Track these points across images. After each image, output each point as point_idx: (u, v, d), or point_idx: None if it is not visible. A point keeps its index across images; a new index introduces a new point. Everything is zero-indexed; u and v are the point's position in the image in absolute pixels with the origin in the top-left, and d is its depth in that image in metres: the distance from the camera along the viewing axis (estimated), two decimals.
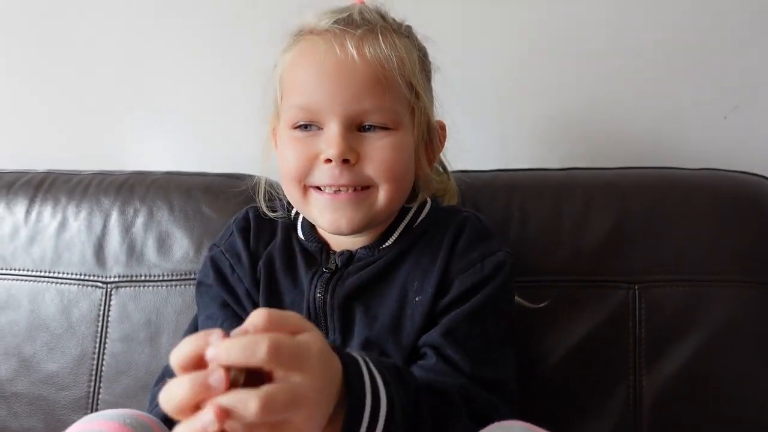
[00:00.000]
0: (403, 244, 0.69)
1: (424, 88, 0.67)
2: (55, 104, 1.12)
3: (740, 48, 0.95)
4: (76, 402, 0.86)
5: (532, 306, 0.73)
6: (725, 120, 0.96)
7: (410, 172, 0.67)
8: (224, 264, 0.72)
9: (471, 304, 0.64)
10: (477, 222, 0.69)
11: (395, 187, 0.65)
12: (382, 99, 0.63)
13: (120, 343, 0.87)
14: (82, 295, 0.89)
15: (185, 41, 1.07)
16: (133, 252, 0.90)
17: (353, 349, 0.65)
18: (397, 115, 0.64)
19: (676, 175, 0.85)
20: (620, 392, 0.76)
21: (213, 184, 0.92)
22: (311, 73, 0.63)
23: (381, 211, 0.66)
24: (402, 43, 0.65)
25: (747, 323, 0.75)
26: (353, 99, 0.62)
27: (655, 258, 0.78)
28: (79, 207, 0.93)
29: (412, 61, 0.65)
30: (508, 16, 0.99)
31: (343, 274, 0.68)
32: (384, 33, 0.64)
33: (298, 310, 0.68)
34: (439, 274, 0.65)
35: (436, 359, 0.63)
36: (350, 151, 0.62)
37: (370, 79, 0.62)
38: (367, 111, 0.63)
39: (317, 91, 0.63)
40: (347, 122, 0.63)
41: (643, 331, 0.76)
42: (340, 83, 0.62)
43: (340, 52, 0.62)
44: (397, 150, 0.64)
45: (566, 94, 0.99)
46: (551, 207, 0.82)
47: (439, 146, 0.72)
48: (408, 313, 0.65)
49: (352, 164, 0.63)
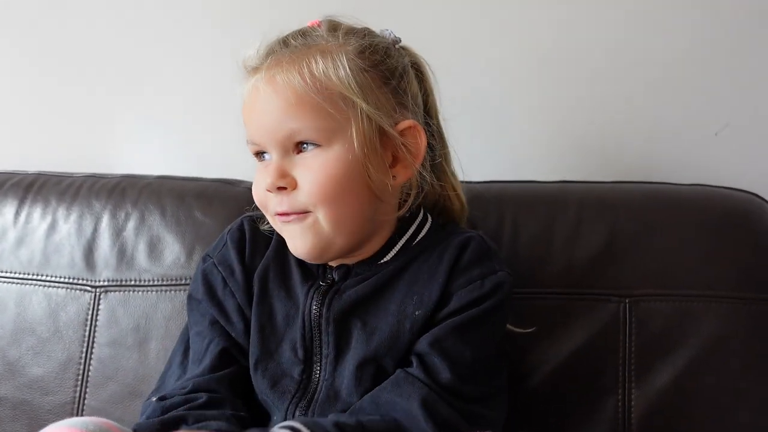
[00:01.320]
0: (402, 261, 0.68)
1: (366, 95, 0.64)
2: (45, 106, 1.12)
3: (732, 67, 0.96)
4: (62, 407, 0.85)
5: (519, 331, 0.73)
6: (716, 137, 0.97)
7: (355, 190, 0.64)
8: (216, 278, 0.72)
9: (463, 316, 0.64)
10: (481, 242, 0.69)
11: (332, 208, 0.64)
12: (303, 117, 0.63)
13: (108, 348, 0.86)
14: (70, 299, 0.88)
15: (178, 44, 1.07)
16: (124, 256, 0.89)
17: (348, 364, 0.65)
18: (325, 131, 0.63)
19: (668, 191, 0.85)
20: (609, 405, 0.76)
21: (206, 189, 0.92)
22: (245, 111, 0.67)
23: (330, 234, 0.65)
24: (325, 59, 0.64)
25: (736, 338, 0.76)
26: (275, 126, 0.64)
27: (645, 272, 0.79)
28: (69, 209, 0.92)
29: (340, 74, 0.64)
30: (506, 31, 1.00)
31: (340, 287, 0.67)
32: (298, 56, 0.65)
33: (292, 323, 0.67)
34: (440, 289, 0.65)
35: (416, 366, 0.63)
36: (283, 177, 0.64)
37: (285, 103, 0.63)
38: (293, 131, 0.64)
39: (251, 128, 0.67)
40: (282, 148, 0.65)
41: (633, 344, 0.77)
42: (263, 115, 0.65)
43: (254, 90, 0.66)
44: (328, 168, 0.63)
45: (561, 109, 1.00)
46: (543, 219, 0.82)
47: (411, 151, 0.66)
48: (407, 327, 0.65)
49: (290, 191, 0.64)
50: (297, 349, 0.66)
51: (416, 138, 0.67)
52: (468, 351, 0.63)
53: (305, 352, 0.66)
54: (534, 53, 1.00)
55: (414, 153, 0.67)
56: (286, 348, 0.67)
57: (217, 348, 0.68)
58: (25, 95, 1.12)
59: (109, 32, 1.09)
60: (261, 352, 0.67)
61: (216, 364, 0.68)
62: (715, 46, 0.96)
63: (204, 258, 0.74)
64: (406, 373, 0.63)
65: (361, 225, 0.66)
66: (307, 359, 0.66)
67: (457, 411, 0.61)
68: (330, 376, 0.65)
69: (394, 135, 0.66)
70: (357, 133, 0.64)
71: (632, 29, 0.98)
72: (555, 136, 1.00)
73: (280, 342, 0.67)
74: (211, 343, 0.69)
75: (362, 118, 0.64)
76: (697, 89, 0.97)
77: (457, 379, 0.62)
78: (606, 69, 0.98)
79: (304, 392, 0.66)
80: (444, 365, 0.62)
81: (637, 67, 0.98)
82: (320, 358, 0.66)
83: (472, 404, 0.63)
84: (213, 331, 0.69)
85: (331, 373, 0.65)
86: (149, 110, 1.09)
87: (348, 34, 0.67)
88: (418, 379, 0.62)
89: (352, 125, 0.64)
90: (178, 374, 0.70)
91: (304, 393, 0.66)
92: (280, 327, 0.68)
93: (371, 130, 0.64)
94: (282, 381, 0.66)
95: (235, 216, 0.82)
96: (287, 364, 0.67)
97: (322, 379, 0.66)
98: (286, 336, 0.67)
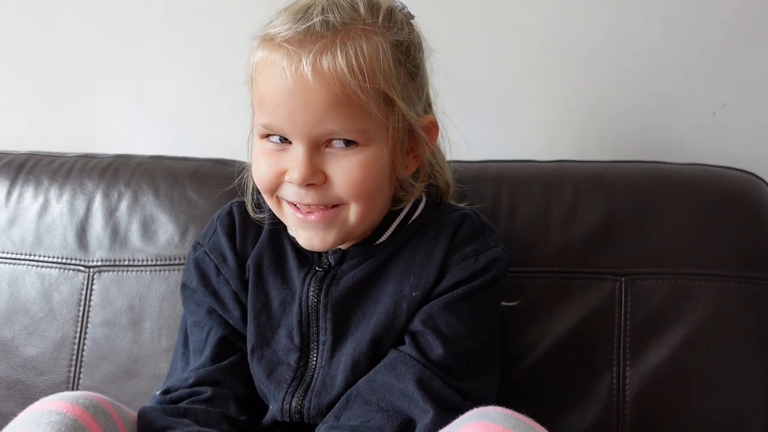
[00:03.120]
0: (397, 241, 0.67)
1: (403, 92, 0.62)
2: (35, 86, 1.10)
3: (730, 48, 0.95)
4: (56, 387, 0.85)
5: (506, 304, 0.72)
6: (714, 117, 0.97)
7: (384, 186, 0.64)
8: (209, 266, 0.71)
9: (456, 293, 0.64)
10: (476, 218, 0.69)
11: (366, 204, 0.62)
12: (346, 119, 0.59)
13: (102, 328, 0.86)
14: (63, 279, 0.88)
15: (171, 23, 1.06)
16: (117, 236, 0.88)
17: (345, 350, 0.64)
18: (365, 132, 0.60)
19: (665, 170, 0.85)
20: (604, 383, 0.76)
21: (200, 168, 0.91)
22: (271, 94, 0.60)
23: (354, 227, 0.64)
24: (371, 46, 0.59)
25: (730, 316, 0.76)
26: (315, 122, 0.59)
27: (641, 250, 0.78)
28: (61, 189, 0.91)
29: (384, 69, 0.60)
30: (505, 13, 0.99)
31: (336, 272, 0.67)
32: (346, 41, 0.59)
33: (288, 310, 0.67)
34: (437, 268, 0.65)
35: (408, 344, 0.63)
36: (315, 174, 0.60)
37: (331, 101, 0.58)
38: (332, 132, 0.60)
39: (278, 114, 0.60)
40: (312, 143, 0.60)
41: (629, 322, 0.77)
42: (299, 107, 0.59)
43: (295, 74, 0.58)
44: (366, 168, 0.61)
45: (558, 89, 0.99)
46: (540, 198, 0.82)
47: (426, 146, 0.66)
48: (404, 308, 0.64)
49: (318, 185, 0.61)
50: (293, 335, 0.66)
51: (432, 133, 0.67)
52: (462, 327, 0.63)
53: (302, 339, 0.66)
54: (533, 34, 0.98)
55: (428, 146, 0.67)
56: (282, 335, 0.67)
57: (216, 336, 0.68)
58: (16, 75, 1.11)
59: (101, 10, 1.07)
60: (257, 339, 0.67)
61: (217, 353, 0.67)
62: (713, 27, 0.95)
63: (195, 246, 0.73)
64: (398, 353, 0.62)
65: (379, 213, 0.66)
66: (303, 346, 0.66)
67: (451, 387, 0.60)
68: (326, 362, 0.65)
69: (420, 133, 0.65)
70: (393, 134, 0.62)
71: (631, 10, 0.96)
72: (553, 116, 0.99)
73: (277, 329, 0.67)
74: (210, 332, 0.68)
75: (399, 117, 0.62)
76: (696, 70, 0.96)
77: (449, 355, 0.62)
78: (604, 49, 0.97)
79: (300, 380, 0.65)
80: (437, 342, 0.62)
81: (635, 48, 0.97)
82: (317, 344, 0.66)
83: (465, 381, 0.62)
84: (211, 320, 0.69)
85: (327, 359, 0.65)
86: (142, 89, 1.08)
87: (386, 16, 0.62)
88: (411, 357, 0.61)
89: (389, 126, 0.61)
90: (182, 367, 0.69)
91: (300, 381, 0.65)
92: (276, 314, 0.67)
93: (404, 129, 0.63)
94: (278, 369, 0.66)
95: (229, 196, 0.82)
96: (283, 351, 0.66)
97: (319, 366, 0.65)
98: (283, 323, 0.67)
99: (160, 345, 0.84)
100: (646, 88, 0.97)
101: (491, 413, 0.53)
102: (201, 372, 0.66)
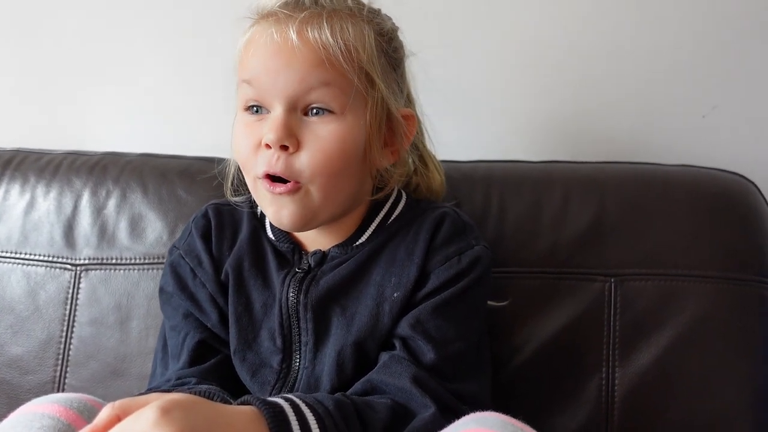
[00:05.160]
0: (378, 241, 0.67)
1: (384, 76, 0.64)
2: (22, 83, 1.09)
3: (720, 51, 0.96)
4: (42, 386, 0.84)
5: (494, 305, 0.72)
6: (704, 119, 0.97)
7: (353, 168, 0.64)
8: (184, 269, 0.70)
9: (442, 296, 0.64)
10: (455, 216, 0.68)
11: (330, 180, 0.62)
12: (326, 80, 0.61)
13: (89, 327, 0.85)
14: (49, 278, 0.87)
15: (160, 20, 1.05)
16: (105, 234, 0.87)
17: (328, 351, 0.64)
18: (343, 99, 0.61)
19: (655, 171, 0.85)
20: (593, 384, 0.76)
21: (189, 167, 0.90)
22: (257, 56, 0.62)
23: (320, 206, 0.63)
24: (356, 29, 0.62)
25: (718, 318, 0.76)
26: (296, 80, 0.60)
27: (631, 251, 0.78)
28: (48, 187, 0.90)
29: (366, 48, 0.62)
30: (494, 12, 0.99)
31: (316, 274, 0.66)
32: (333, 17, 0.62)
33: (269, 312, 0.66)
34: (417, 268, 0.64)
35: (399, 349, 0.62)
36: (289, 136, 0.61)
37: (314, 61, 0.60)
38: (311, 88, 0.61)
39: (261, 72, 0.62)
40: (291, 104, 0.61)
41: (618, 323, 0.77)
42: (282, 65, 0.61)
43: (281, 35, 0.61)
44: (339, 139, 0.61)
45: (548, 90, 0.99)
46: (530, 199, 0.82)
47: (404, 139, 0.67)
48: (386, 309, 0.64)
49: (290, 152, 0.61)
50: (275, 338, 0.65)
51: (411, 127, 0.68)
52: (451, 330, 0.63)
53: (284, 341, 0.65)
54: (522, 34, 0.99)
55: (406, 140, 0.68)
56: (264, 337, 0.66)
57: (193, 341, 0.67)
58: (4, 74, 1.10)
59: (89, 6, 1.06)
60: (239, 342, 0.66)
61: (194, 357, 0.66)
62: (703, 30, 0.96)
63: (170, 250, 0.73)
64: (391, 355, 0.62)
65: (347, 199, 0.66)
66: (285, 348, 0.65)
67: (445, 389, 0.60)
68: (310, 363, 0.64)
69: (398, 120, 0.66)
70: (371, 111, 0.63)
71: (621, 11, 0.97)
72: (544, 117, 1.00)
73: (258, 331, 0.66)
74: (186, 336, 0.68)
75: (378, 98, 0.63)
76: (686, 73, 0.97)
77: (441, 359, 0.61)
78: (595, 51, 0.98)
79: (284, 382, 0.65)
80: (428, 347, 0.62)
81: (626, 50, 0.97)
82: (299, 346, 0.65)
83: (458, 383, 0.62)
84: (187, 325, 0.68)
85: (311, 360, 0.64)
86: (131, 88, 1.07)
87: (371, 11, 0.66)
88: (404, 359, 0.61)
89: (368, 103, 0.63)
90: (161, 372, 0.69)
91: (284, 383, 0.65)
92: (257, 316, 0.67)
93: (382, 110, 0.64)
94: (261, 371, 0.65)
95: (217, 195, 0.81)
96: (266, 354, 0.66)
97: (302, 368, 0.65)
98: (264, 325, 0.66)
99: (147, 344, 0.83)
100: (637, 90, 0.98)
101: (489, 419, 0.53)
102: (182, 373, 0.65)
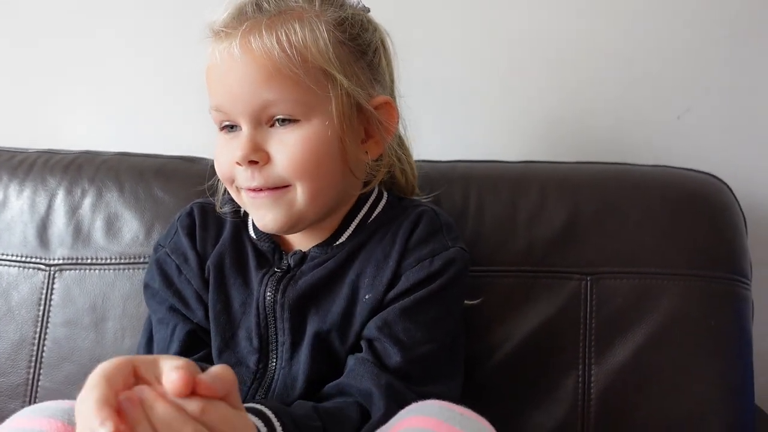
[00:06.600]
0: (357, 241, 0.67)
1: (345, 69, 0.63)
2: None
3: (693, 55, 0.98)
4: (14, 389, 0.82)
5: (468, 303, 0.72)
6: (678, 120, 0.99)
7: (333, 166, 0.63)
8: (170, 266, 0.70)
9: (412, 298, 0.63)
10: (433, 216, 0.68)
11: (312, 184, 0.62)
12: (280, 90, 0.60)
13: (63, 328, 0.83)
14: (22, 278, 0.85)
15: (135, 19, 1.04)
16: (80, 234, 0.86)
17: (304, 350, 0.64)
18: (303, 105, 0.61)
19: (630, 171, 0.86)
20: (570, 381, 0.77)
21: (166, 166, 0.89)
22: (213, 79, 0.64)
23: (305, 208, 0.63)
24: (304, 27, 0.61)
25: (691, 315, 0.77)
26: (250, 95, 0.61)
27: (607, 250, 0.79)
28: (22, 186, 0.89)
29: (319, 45, 0.61)
30: (473, 12, 0.99)
31: (295, 273, 0.66)
32: (275, 22, 0.61)
33: (247, 311, 0.66)
34: (392, 270, 0.64)
35: (365, 351, 0.62)
36: (256, 152, 0.61)
37: (262, 74, 0.60)
38: (270, 103, 0.61)
39: (220, 94, 0.63)
40: (255, 119, 0.62)
41: (594, 321, 0.78)
42: (235, 84, 0.61)
43: (227, 54, 0.61)
44: (307, 143, 0.61)
45: (526, 90, 1.00)
46: (507, 198, 0.82)
47: (384, 127, 0.66)
48: (357, 310, 0.64)
49: (262, 165, 0.62)
50: (252, 337, 0.65)
51: (389, 114, 0.67)
52: (419, 333, 0.62)
53: (260, 341, 0.65)
54: (501, 35, 0.99)
55: (386, 129, 0.66)
56: (242, 337, 0.66)
57: (183, 332, 0.67)
58: None
59: (64, 4, 1.05)
60: (218, 341, 0.66)
61: (185, 347, 0.66)
62: (678, 32, 0.98)
63: (156, 248, 0.73)
64: (356, 358, 0.62)
65: (332, 199, 0.66)
66: (262, 348, 0.65)
67: (411, 392, 0.60)
68: (287, 363, 0.64)
69: (370, 111, 0.64)
70: (336, 108, 0.62)
71: (598, 14, 0.98)
72: (521, 118, 1.00)
73: (237, 330, 0.66)
74: (176, 327, 0.67)
75: (341, 93, 0.62)
76: (661, 75, 0.98)
77: (408, 361, 0.61)
78: (572, 52, 0.99)
79: (260, 382, 0.64)
80: (394, 349, 0.61)
81: (602, 51, 0.99)
82: (276, 346, 0.65)
83: (425, 385, 0.61)
84: (175, 317, 0.68)
85: (287, 360, 0.64)
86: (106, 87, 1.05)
87: (324, 2, 0.64)
88: (369, 361, 0.61)
89: (332, 100, 0.62)
90: None
91: (260, 383, 0.64)
92: (236, 315, 0.66)
93: (349, 105, 0.63)
94: (237, 371, 0.63)
95: (195, 194, 0.81)
96: (243, 353, 0.65)
97: (279, 368, 0.64)
98: (243, 324, 0.66)
99: (123, 345, 0.82)
100: (613, 91, 0.99)
101: (429, 407, 0.53)
102: None
